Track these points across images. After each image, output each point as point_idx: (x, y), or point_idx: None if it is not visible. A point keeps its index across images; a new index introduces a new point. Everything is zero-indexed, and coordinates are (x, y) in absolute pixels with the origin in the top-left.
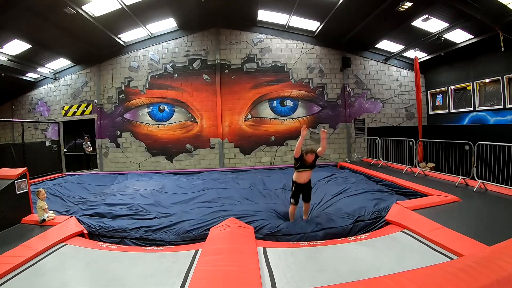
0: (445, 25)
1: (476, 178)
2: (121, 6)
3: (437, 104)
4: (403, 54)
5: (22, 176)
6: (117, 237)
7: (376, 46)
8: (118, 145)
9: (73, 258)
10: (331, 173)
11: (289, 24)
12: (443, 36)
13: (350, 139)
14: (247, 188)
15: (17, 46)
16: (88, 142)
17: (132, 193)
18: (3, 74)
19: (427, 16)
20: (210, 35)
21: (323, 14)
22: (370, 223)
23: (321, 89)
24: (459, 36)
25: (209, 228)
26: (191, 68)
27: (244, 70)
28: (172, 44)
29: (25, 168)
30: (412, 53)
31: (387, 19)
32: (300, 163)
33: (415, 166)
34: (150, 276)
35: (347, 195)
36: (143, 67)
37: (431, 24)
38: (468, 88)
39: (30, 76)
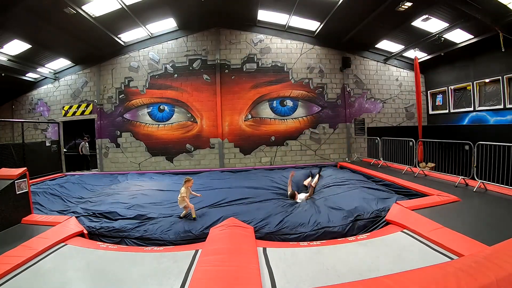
0: (445, 25)
1: (476, 178)
2: (121, 6)
3: (437, 104)
4: (403, 54)
5: (22, 176)
6: (117, 237)
7: (376, 46)
8: (118, 145)
9: (73, 258)
10: (331, 173)
11: (289, 24)
12: (443, 36)
13: (350, 139)
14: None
15: (17, 46)
16: (87, 143)
17: (133, 193)
18: (3, 74)
19: (427, 16)
20: (210, 35)
21: (323, 14)
22: (370, 223)
23: (321, 89)
24: (459, 36)
25: (209, 228)
26: (191, 68)
27: (244, 70)
28: (172, 44)
29: (25, 168)
30: (412, 53)
31: (387, 19)
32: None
33: (415, 166)
34: (150, 276)
35: (347, 195)
36: (143, 67)
37: (431, 24)
38: (468, 88)
39: (30, 76)
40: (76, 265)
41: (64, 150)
